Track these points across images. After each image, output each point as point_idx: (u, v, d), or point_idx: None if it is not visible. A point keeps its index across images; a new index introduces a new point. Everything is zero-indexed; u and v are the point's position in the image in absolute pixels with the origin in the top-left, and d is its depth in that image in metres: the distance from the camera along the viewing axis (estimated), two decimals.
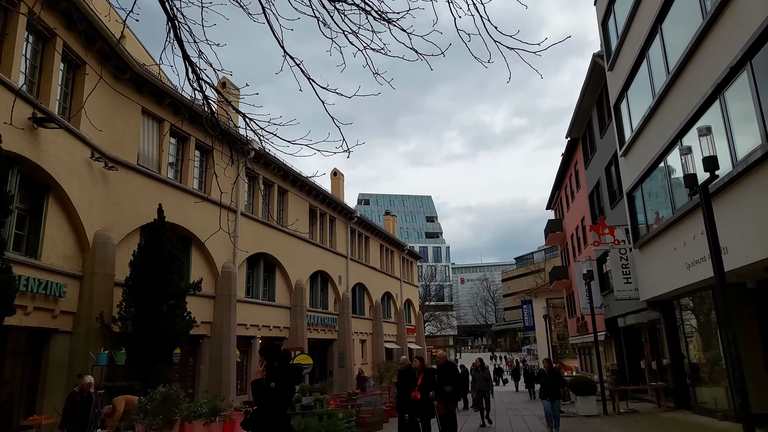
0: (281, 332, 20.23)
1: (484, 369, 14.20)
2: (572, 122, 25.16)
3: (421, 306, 52.18)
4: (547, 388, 12.10)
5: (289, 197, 21.40)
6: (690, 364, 14.66)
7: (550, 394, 12.01)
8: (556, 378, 12.24)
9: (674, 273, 13.61)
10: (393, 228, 38.12)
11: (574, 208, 29.41)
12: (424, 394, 8.48)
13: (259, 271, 19.24)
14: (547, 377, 12.26)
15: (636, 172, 15.88)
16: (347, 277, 26.39)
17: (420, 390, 8.45)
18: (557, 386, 12.18)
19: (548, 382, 12.13)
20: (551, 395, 12.01)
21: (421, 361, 8.96)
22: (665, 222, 13.56)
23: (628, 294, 17.25)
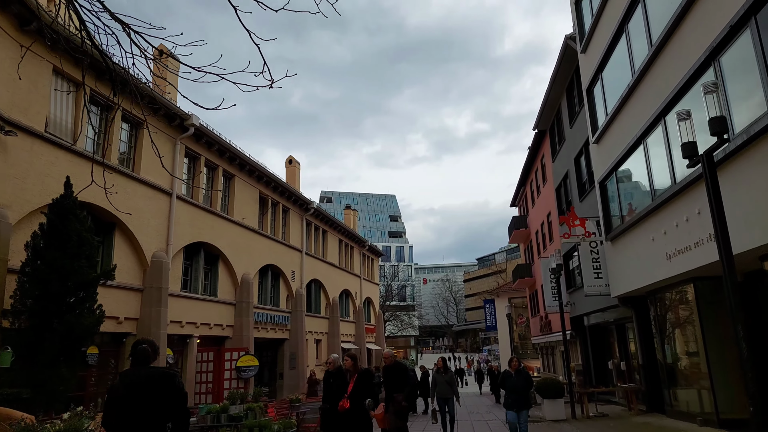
0: (224, 331, 18.32)
1: (448, 371, 11.09)
2: (540, 113, 24.14)
3: (383, 305, 50.71)
4: (514, 396, 9.32)
5: (236, 183, 19.50)
6: (665, 364, 13.62)
7: (519, 402, 9.23)
8: (525, 381, 9.43)
9: (651, 266, 12.50)
10: (353, 223, 36.49)
11: (540, 203, 28.48)
12: (356, 404, 6.57)
13: (198, 262, 17.29)
14: (513, 381, 9.42)
15: (610, 158, 14.78)
16: (302, 272, 24.61)
17: (351, 398, 6.53)
18: (527, 391, 9.50)
19: (515, 386, 9.35)
20: (519, 404, 9.23)
21: (353, 360, 7.00)
22: (643, 210, 12.45)
23: (598, 290, 16.18)
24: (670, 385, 13.46)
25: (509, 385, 9.57)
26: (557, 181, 23.81)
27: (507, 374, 9.82)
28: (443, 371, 11.13)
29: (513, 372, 9.63)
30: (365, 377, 6.88)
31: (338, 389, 6.77)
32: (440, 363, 11.26)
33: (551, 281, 23.26)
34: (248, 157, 19.42)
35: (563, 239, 15.96)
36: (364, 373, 6.95)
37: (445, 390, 11.00)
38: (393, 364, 8.37)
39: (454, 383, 11.04)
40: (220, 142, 17.68)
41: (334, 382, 6.95)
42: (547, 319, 27.78)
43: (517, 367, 9.70)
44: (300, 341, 23.26)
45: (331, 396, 6.87)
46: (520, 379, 9.50)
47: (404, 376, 8.28)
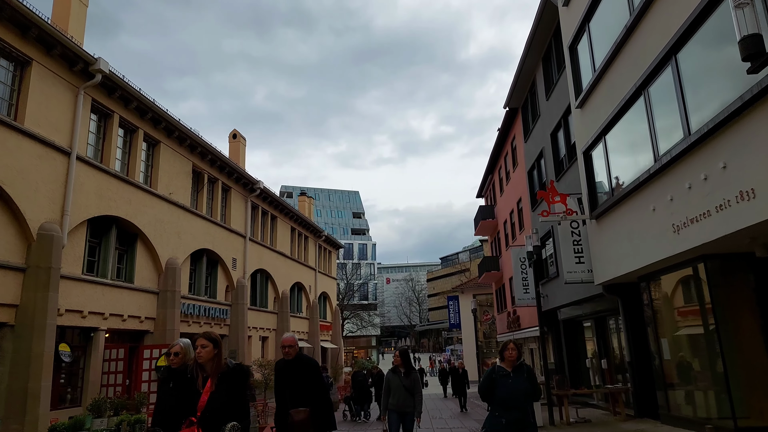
0: (142, 324, 15.38)
1: (411, 372, 7.01)
2: (512, 89, 22.06)
3: (343, 303, 48.07)
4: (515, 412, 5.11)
5: (163, 151, 16.58)
6: (661, 361, 11.54)
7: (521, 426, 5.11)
8: (530, 384, 5.29)
9: (649, 243, 10.39)
10: (309, 211, 33.73)
11: (509, 191, 26.48)
12: (212, 421, 3.64)
13: (109, 242, 14.32)
14: (511, 384, 5.20)
15: (597, 122, 12.67)
16: (245, 260, 21.78)
17: (203, 422, 3.62)
18: (532, 403, 5.44)
19: (515, 394, 5.16)
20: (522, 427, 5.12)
21: (213, 345, 3.85)
22: (642, 175, 10.32)
23: (579, 276, 14.05)
24: (667, 385, 11.39)
25: (504, 392, 5.15)
26: (530, 163, 21.78)
27: (499, 373, 5.29)
28: (402, 372, 6.94)
29: (510, 369, 5.28)
30: (230, 381, 3.79)
31: (181, 403, 3.80)
32: (398, 360, 6.99)
33: (522, 271, 21.20)
34: (177, 121, 16.53)
35: (541, 218, 13.76)
36: (231, 373, 3.84)
37: (402, 400, 6.82)
38: (295, 359, 5.17)
39: (417, 390, 6.89)
40: (139, 99, 14.76)
41: (174, 390, 3.98)
42: (515, 315, 25.77)
43: (515, 360, 5.32)
44: (241, 338, 20.44)
45: (164, 415, 3.92)
46: (521, 380, 5.20)
47: (311, 378, 5.15)
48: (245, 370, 4.08)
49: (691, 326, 10.39)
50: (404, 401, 6.90)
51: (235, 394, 3.80)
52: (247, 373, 4.08)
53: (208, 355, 3.82)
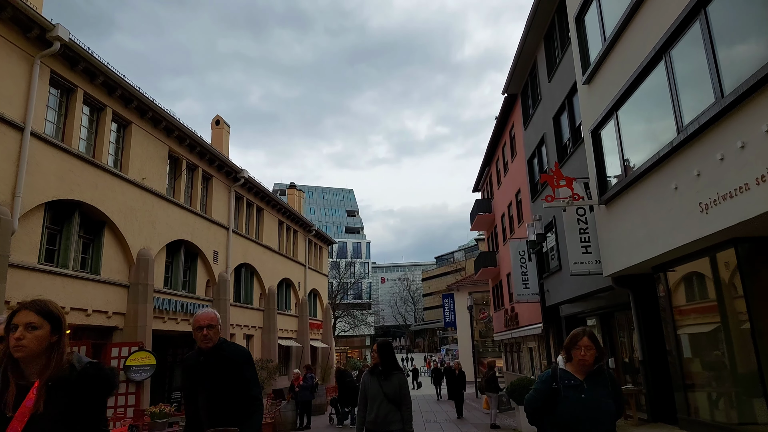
0: (110, 320, 14.10)
1: (394, 372, 4.99)
2: (511, 72, 20.91)
3: (335, 302, 46.85)
4: None
5: (135, 133, 15.29)
6: (680, 359, 10.37)
7: None
8: (617, 399, 3.33)
9: (670, 228, 9.22)
10: (299, 205, 32.45)
11: (507, 182, 25.33)
12: None
13: (71, 229, 13.03)
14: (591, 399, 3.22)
15: (608, 97, 11.50)
16: (228, 254, 20.50)
17: None
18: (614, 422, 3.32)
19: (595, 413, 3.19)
20: None
21: (51, 334, 2.17)
22: (662, 150, 9.16)
23: (586, 268, 12.89)
24: (687, 387, 10.23)
25: (572, 412, 3.23)
26: (529, 151, 20.63)
27: (565, 382, 3.31)
28: (381, 372, 4.98)
29: (582, 377, 3.31)
30: (76, 395, 2.11)
31: None
32: (376, 356, 5.05)
33: (522, 265, 20.05)
34: (151, 101, 15.24)
35: (545, 203, 12.59)
36: (80, 382, 2.13)
37: (383, 414, 4.85)
38: (215, 349, 3.62)
39: (404, 399, 4.91)
40: (106, 74, 13.48)
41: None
42: (514, 312, 24.64)
43: (592, 363, 3.31)
44: (224, 336, 19.10)
45: None
46: (602, 395, 3.26)
47: (241, 379, 3.52)
48: (106, 375, 2.21)
49: (717, 320, 9.22)
50: (385, 416, 4.78)
51: (84, 418, 2.11)
52: (109, 380, 2.22)
53: (34, 346, 2.08)
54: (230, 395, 3.46)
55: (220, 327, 3.75)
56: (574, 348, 3.37)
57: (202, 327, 3.66)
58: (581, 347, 3.32)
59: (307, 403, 13.69)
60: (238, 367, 3.57)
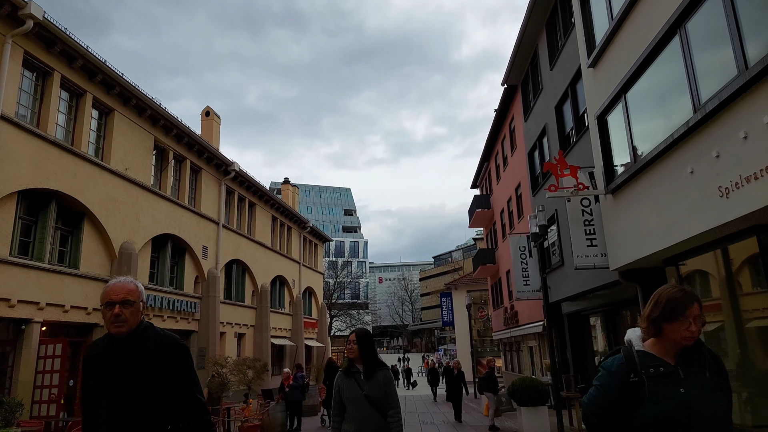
0: (89, 316, 13.39)
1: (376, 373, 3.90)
2: (511, 62, 20.26)
3: (332, 302, 46.17)
4: None
5: (117, 120, 14.58)
6: None
7: None
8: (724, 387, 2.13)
9: (685, 215, 8.56)
10: (293, 201, 31.74)
11: (507, 177, 24.67)
12: None
13: (47, 219, 12.32)
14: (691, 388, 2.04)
15: (615, 80, 10.84)
16: (217, 249, 19.80)
17: None
18: None
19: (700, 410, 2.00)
20: None
21: None
22: (677, 132, 8.51)
23: (591, 261, 12.21)
24: None
25: (663, 410, 2.03)
26: (530, 144, 19.98)
27: (648, 367, 2.11)
28: (362, 372, 3.95)
29: (673, 360, 2.13)
30: None
31: None
32: (354, 349, 3.98)
33: (522, 261, 19.40)
34: (135, 87, 14.54)
35: (548, 193, 11.92)
36: None
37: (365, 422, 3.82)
38: (132, 337, 2.41)
39: (390, 402, 3.85)
40: (85, 57, 12.78)
41: None
42: (513, 311, 23.98)
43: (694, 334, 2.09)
44: (212, 334, 18.47)
45: None
46: (705, 382, 2.09)
47: (169, 381, 2.42)
48: None
49: (735, 316, 8.56)
50: (367, 424, 3.76)
51: None
52: None
53: None
54: (145, 406, 2.37)
55: (143, 305, 2.50)
56: (675, 321, 2.10)
57: (113, 303, 2.38)
58: (689, 318, 2.08)
59: (297, 403, 13.00)
60: (163, 365, 2.40)
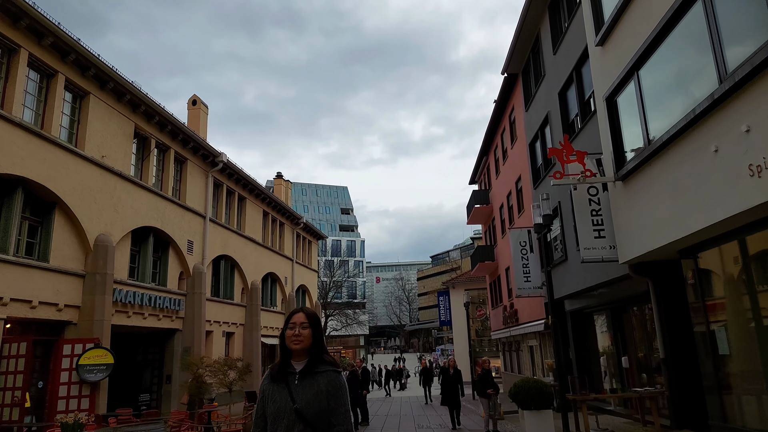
0: (60, 313, 12.49)
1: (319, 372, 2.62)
2: (511, 50, 19.41)
3: (326, 300, 45.27)
4: None
5: (93, 104, 13.68)
6: (713, 359, 8.87)
7: None
8: None
9: (707, 199, 7.69)
10: (286, 196, 30.84)
11: (506, 170, 23.83)
12: None
13: (12, 209, 11.41)
14: None
15: (627, 56, 9.98)
16: (204, 244, 18.90)
17: None
18: None
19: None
20: None
21: None
22: (698, 107, 7.67)
23: (599, 254, 11.35)
24: (722, 388, 8.72)
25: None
26: (531, 134, 19.13)
27: None
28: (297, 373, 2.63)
29: None
30: None
31: None
32: (304, 335, 2.65)
33: (523, 257, 18.54)
34: (111, 69, 13.64)
35: (553, 180, 11.07)
36: None
37: None
38: None
39: (335, 413, 2.56)
40: (56, 34, 11.88)
41: None
42: (513, 309, 23.12)
43: None
44: (198, 332, 17.57)
45: None
46: None
47: None
48: None
49: (765, 310, 7.71)
50: None
51: None
52: None
53: None
54: None
55: None
56: None
57: None
58: None
59: None
60: None
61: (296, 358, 2.65)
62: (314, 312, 2.79)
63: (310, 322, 2.68)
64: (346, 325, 51.66)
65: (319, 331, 2.71)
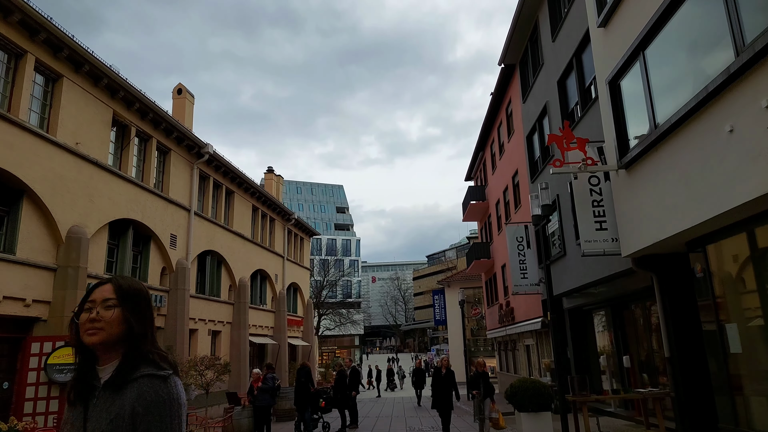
0: (28, 308, 11.74)
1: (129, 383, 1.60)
2: (508, 39, 18.78)
3: (322, 300, 44.56)
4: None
5: (67, 88, 12.94)
6: (725, 358, 8.22)
7: None
8: None
9: (721, 184, 7.04)
10: (277, 191, 30.10)
11: (503, 165, 23.20)
12: None
13: None
14: None
15: (631, 36, 9.35)
16: (188, 238, 18.17)
17: None
18: None
19: None
20: None
21: None
22: (711, 84, 7.03)
23: (601, 247, 10.71)
24: (734, 390, 8.09)
25: None
26: (529, 126, 18.50)
27: None
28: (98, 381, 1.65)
29: None
30: None
31: None
32: (108, 319, 1.65)
33: (520, 253, 17.90)
34: (86, 50, 12.90)
35: (553, 169, 10.41)
36: None
37: None
38: None
39: None
40: (23, 10, 11.13)
41: None
42: (509, 307, 22.50)
43: None
44: (181, 330, 16.84)
45: None
46: None
47: None
48: None
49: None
50: None
51: None
52: None
53: None
54: None
55: None
56: None
57: None
58: None
59: (266, 408, 11.40)
60: None
61: (103, 360, 1.67)
62: (132, 284, 1.76)
63: (119, 298, 1.68)
64: (340, 324, 50.92)
65: (139, 313, 1.70)
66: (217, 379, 13.81)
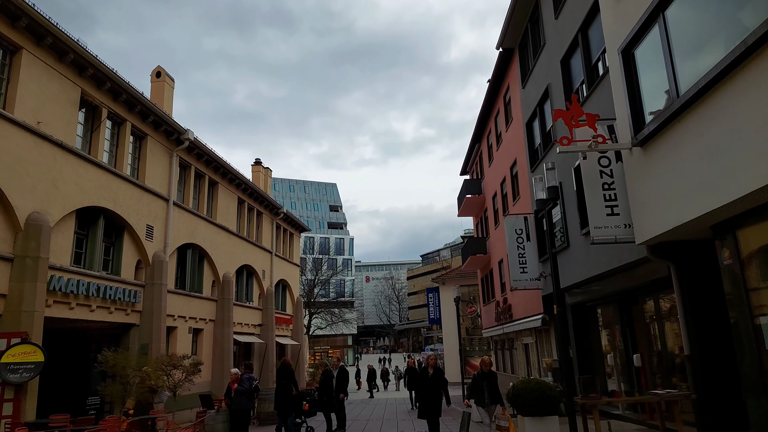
0: None
1: None
2: (507, 21, 17.81)
3: (311, 299, 43.45)
4: None
5: (27, 62, 11.82)
6: (759, 356, 7.23)
7: None
8: None
9: (757, 155, 6.12)
10: (266, 184, 28.99)
11: (500, 156, 22.22)
12: None
13: None
14: None
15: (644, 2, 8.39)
16: (167, 230, 17.05)
17: None
18: None
19: None
20: None
21: None
22: (750, 38, 6.06)
23: (612, 234, 9.71)
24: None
25: None
26: (528, 113, 17.52)
27: None
28: None
29: None
30: None
31: None
32: None
33: (519, 246, 16.90)
34: (49, 22, 11.78)
35: (560, 147, 9.41)
36: None
37: None
38: None
39: None
40: None
41: None
42: (507, 304, 21.51)
43: None
44: (157, 328, 15.72)
45: None
46: None
47: None
48: None
49: None
50: None
51: None
52: None
53: None
54: None
55: None
56: None
57: None
58: None
59: (243, 412, 10.34)
60: None
61: None
62: None
63: None
64: (331, 323, 49.81)
65: None
66: (186, 380, 12.72)
